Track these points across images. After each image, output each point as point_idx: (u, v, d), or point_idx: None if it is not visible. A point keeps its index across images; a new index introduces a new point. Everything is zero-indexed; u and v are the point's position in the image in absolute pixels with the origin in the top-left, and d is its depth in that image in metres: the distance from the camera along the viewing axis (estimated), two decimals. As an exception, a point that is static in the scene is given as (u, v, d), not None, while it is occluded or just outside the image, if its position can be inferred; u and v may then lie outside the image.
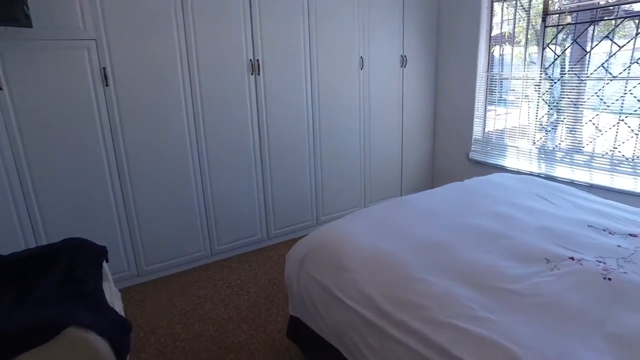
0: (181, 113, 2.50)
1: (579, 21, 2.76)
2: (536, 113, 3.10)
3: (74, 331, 1.11)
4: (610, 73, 2.61)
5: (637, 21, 2.45)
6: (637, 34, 2.45)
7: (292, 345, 1.90)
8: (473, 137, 3.59)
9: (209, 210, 2.72)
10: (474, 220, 1.79)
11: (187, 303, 2.36)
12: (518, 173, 2.93)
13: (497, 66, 3.38)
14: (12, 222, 2.12)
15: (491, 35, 3.35)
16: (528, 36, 3.09)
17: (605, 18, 2.61)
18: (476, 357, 1.01)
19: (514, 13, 3.16)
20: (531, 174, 2.99)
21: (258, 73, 2.72)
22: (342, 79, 3.12)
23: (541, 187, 2.25)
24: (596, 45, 2.67)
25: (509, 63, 3.27)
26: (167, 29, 2.36)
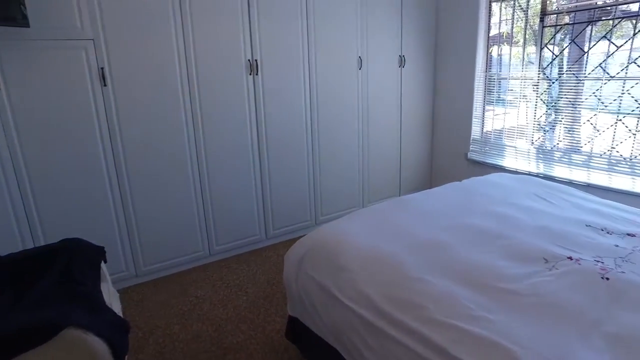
0: (179, 113, 2.50)
1: (577, 21, 2.76)
2: (534, 113, 3.11)
3: (72, 332, 1.10)
4: (607, 73, 2.61)
5: (635, 21, 2.46)
6: (635, 34, 2.46)
7: (291, 345, 1.89)
8: (471, 137, 3.60)
9: (208, 210, 2.72)
10: (473, 220, 1.80)
11: (186, 303, 2.36)
12: (516, 173, 2.93)
13: (496, 66, 3.38)
14: (10, 223, 2.11)
15: (489, 35, 3.35)
16: (526, 36, 3.09)
17: (602, 18, 2.62)
18: (475, 357, 1.01)
19: (512, 13, 3.16)
20: (529, 174, 3.00)
21: (256, 73, 2.71)
22: (341, 79, 3.12)
23: (539, 187, 2.25)
24: (594, 45, 2.68)
25: (507, 63, 3.27)
26: (165, 29, 2.36)
